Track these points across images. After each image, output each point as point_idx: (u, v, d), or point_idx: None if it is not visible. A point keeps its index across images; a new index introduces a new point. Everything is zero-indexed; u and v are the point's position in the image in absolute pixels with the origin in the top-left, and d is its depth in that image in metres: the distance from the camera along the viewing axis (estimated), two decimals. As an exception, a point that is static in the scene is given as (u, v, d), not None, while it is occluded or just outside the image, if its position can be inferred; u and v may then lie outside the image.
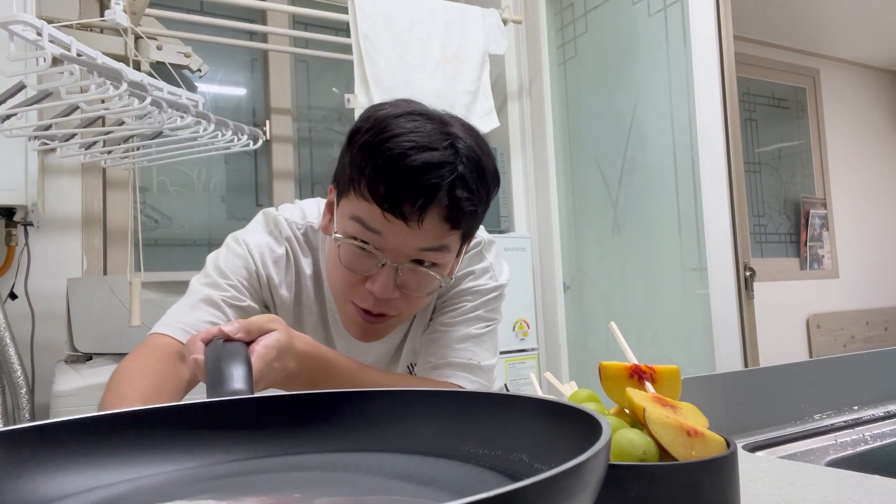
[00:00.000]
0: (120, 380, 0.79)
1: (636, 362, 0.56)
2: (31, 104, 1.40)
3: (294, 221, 0.95)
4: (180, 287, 0.93)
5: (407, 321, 0.95)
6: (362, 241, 0.79)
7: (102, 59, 1.42)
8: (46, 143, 1.62)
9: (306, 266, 0.95)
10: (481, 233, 0.97)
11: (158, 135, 1.66)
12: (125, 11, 1.68)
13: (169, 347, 0.84)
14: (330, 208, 0.88)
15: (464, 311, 0.95)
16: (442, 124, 0.80)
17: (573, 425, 0.38)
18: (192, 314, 0.87)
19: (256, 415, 0.48)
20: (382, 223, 0.77)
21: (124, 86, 1.30)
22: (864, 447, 0.93)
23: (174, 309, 0.90)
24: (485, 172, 0.80)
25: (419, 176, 0.75)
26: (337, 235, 0.81)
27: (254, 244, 0.93)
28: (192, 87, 2.44)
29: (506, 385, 1.32)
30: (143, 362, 0.81)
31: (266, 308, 0.95)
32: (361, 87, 2.14)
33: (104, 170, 2.27)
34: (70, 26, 1.85)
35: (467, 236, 0.86)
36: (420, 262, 0.81)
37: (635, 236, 2.24)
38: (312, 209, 0.98)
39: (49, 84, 1.31)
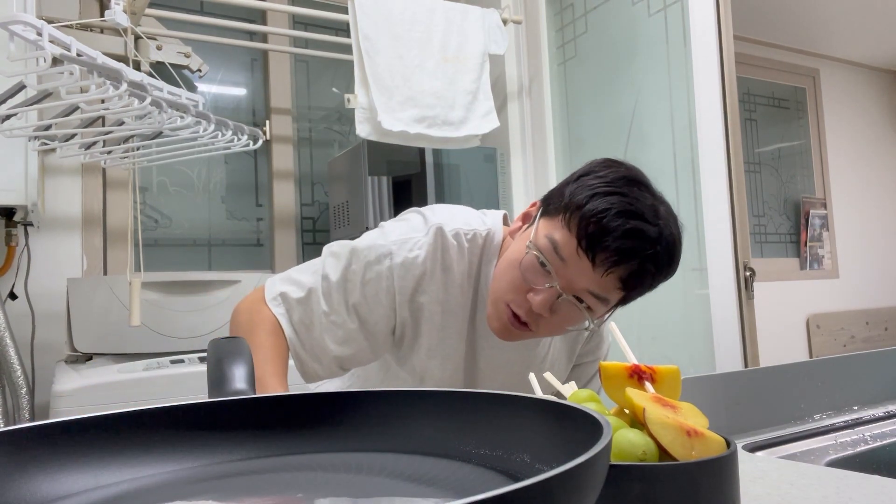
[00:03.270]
0: (259, 345, 0.89)
1: (636, 362, 0.56)
2: (31, 104, 1.40)
3: (460, 230, 0.97)
4: (180, 287, 0.94)
5: (538, 339, 1.01)
6: (544, 262, 0.85)
7: (102, 59, 1.42)
8: (46, 143, 1.62)
9: (460, 273, 0.97)
10: None
11: (158, 135, 1.65)
12: (125, 11, 1.68)
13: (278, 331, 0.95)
14: (525, 219, 0.94)
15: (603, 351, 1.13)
16: (656, 203, 0.86)
17: (574, 425, 0.38)
18: (315, 334, 0.96)
19: (257, 415, 0.49)
20: (572, 255, 0.84)
21: (124, 86, 1.30)
22: (864, 447, 0.93)
23: (305, 297, 0.96)
24: (674, 262, 0.87)
25: (627, 237, 0.81)
26: (529, 244, 0.87)
27: (401, 265, 0.94)
28: (192, 87, 2.44)
29: None
30: (271, 340, 0.93)
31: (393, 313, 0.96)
32: (361, 87, 2.14)
33: (104, 170, 2.27)
34: (70, 26, 1.85)
35: (627, 300, 0.91)
36: (580, 300, 0.86)
37: (635, 236, 2.23)
38: (472, 216, 1.01)
39: (49, 84, 1.31)
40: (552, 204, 0.89)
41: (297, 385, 1.36)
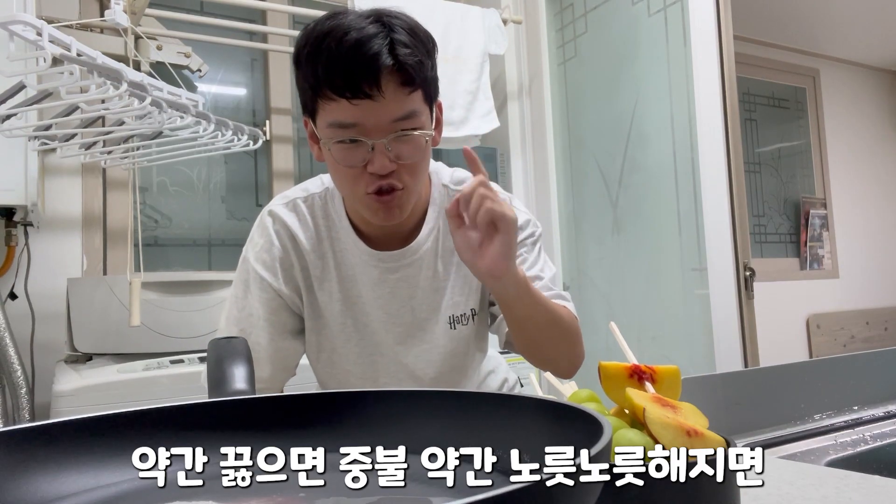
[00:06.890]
0: None
1: (636, 362, 0.57)
2: (31, 104, 1.40)
3: (296, 198, 1.02)
4: (180, 287, 0.95)
5: (415, 195, 0.97)
6: (347, 140, 0.86)
7: (102, 59, 1.42)
8: (46, 143, 1.62)
9: (306, 240, 1.00)
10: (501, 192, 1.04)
11: (158, 135, 1.66)
12: (125, 11, 1.68)
13: None
14: (312, 137, 0.94)
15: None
16: (365, 12, 0.87)
17: (574, 425, 0.38)
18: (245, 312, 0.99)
19: (257, 415, 0.49)
20: (354, 112, 0.84)
21: (124, 86, 1.30)
22: (864, 447, 0.93)
23: (225, 317, 1.02)
24: (416, 30, 0.89)
25: (358, 51, 0.81)
26: (325, 143, 0.88)
27: (254, 258, 1.03)
28: (192, 87, 2.44)
29: (518, 379, 1.34)
30: None
31: (298, 293, 1.02)
32: (361, 87, 2.14)
33: (104, 170, 2.27)
34: (70, 26, 1.85)
35: (429, 98, 0.90)
36: (403, 133, 0.87)
37: (635, 236, 2.24)
38: (312, 182, 1.05)
39: (49, 84, 1.31)
40: (308, 106, 0.90)
41: (298, 385, 1.36)
